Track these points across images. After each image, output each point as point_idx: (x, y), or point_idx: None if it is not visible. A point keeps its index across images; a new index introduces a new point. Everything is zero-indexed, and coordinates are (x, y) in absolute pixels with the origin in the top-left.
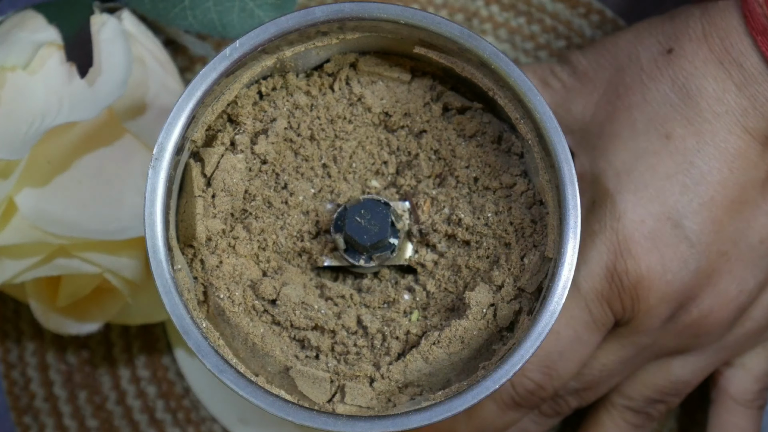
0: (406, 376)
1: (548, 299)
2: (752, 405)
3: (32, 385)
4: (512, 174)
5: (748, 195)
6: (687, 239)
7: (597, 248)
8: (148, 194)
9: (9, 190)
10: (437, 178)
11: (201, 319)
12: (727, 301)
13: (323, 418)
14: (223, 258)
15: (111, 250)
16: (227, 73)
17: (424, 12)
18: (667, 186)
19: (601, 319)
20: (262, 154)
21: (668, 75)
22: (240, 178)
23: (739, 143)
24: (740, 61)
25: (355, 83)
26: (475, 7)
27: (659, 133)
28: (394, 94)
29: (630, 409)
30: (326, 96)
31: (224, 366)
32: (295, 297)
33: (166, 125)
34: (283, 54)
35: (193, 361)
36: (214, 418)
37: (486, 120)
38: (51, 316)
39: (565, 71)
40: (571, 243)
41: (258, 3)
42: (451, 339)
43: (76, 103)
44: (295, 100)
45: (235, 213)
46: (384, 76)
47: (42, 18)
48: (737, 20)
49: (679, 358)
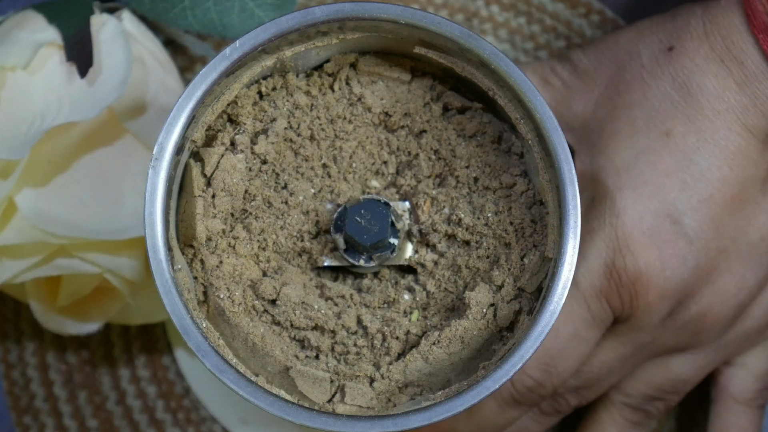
0: (406, 376)
1: (548, 299)
2: (752, 404)
3: (32, 385)
4: (512, 174)
5: (747, 193)
6: (686, 236)
7: (596, 245)
8: (148, 194)
9: (9, 190)
10: (437, 178)
11: (201, 319)
12: (726, 299)
13: (323, 418)
14: (223, 258)
15: (111, 250)
16: (227, 73)
17: (424, 12)
18: (666, 183)
19: (599, 315)
20: (262, 154)
21: (669, 72)
22: (240, 178)
23: (739, 141)
24: (741, 59)
25: (355, 83)
26: (475, 7)
27: (659, 130)
28: (394, 94)
29: (629, 407)
30: (326, 96)
31: (224, 366)
32: (295, 297)
33: (166, 125)
34: (283, 54)
35: (193, 361)
36: (214, 418)
37: (486, 120)
38: (51, 316)
39: (565, 69)
40: (571, 243)
41: (258, 3)
42: (451, 339)
43: (76, 103)
44: (295, 100)
45: (235, 213)
46: (384, 76)
47: (42, 18)
48: (739, 19)
49: (678, 356)
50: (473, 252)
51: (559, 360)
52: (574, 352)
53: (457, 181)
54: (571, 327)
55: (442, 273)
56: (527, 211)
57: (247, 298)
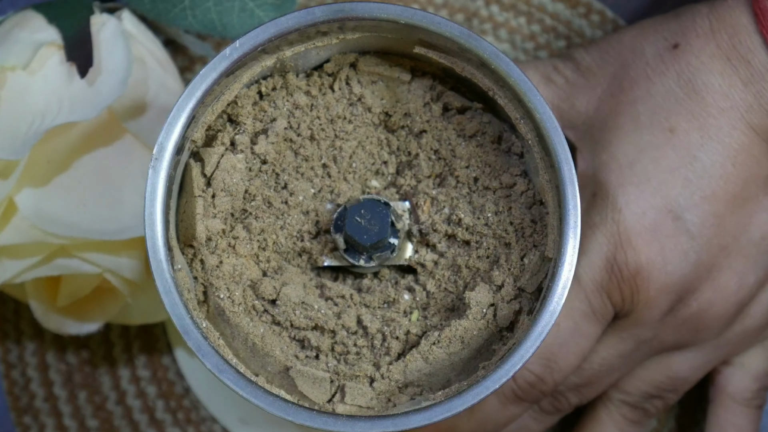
0: (406, 376)
1: (548, 299)
2: (750, 404)
3: (32, 385)
4: (512, 174)
5: (750, 191)
6: (688, 232)
7: (597, 240)
8: (148, 194)
9: (9, 190)
10: (437, 178)
11: (201, 319)
12: (727, 296)
13: (323, 418)
14: (223, 258)
15: (111, 250)
16: (227, 73)
17: (424, 12)
18: (669, 179)
19: (600, 310)
20: (262, 154)
21: (674, 69)
22: (240, 178)
23: (743, 139)
24: (748, 58)
25: (355, 83)
26: (475, 7)
27: (663, 126)
28: (394, 94)
29: (627, 404)
30: (326, 96)
31: (224, 366)
32: (295, 297)
33: (166, 125)
34: (283, 54)
35: (193, 361)
36: (214, 418)
37: (486, 120)
38: (51, 316)
39: (568, 67)
40: (571, 243)
41: (258, 3)
42: (451, 339)
43: (76, 103)
44: (295, 100)
45: (235, 213)
46: (384, 76)
47: (42, 18)
48: (747, 18)
49: (678, 354)
50: (473, 252)
51: (560, 355)
52: (574, 347)
53: (457, 181)
54: (572, 322)
55: (442, 273)
56: (527, 211)
57: (247, 298)
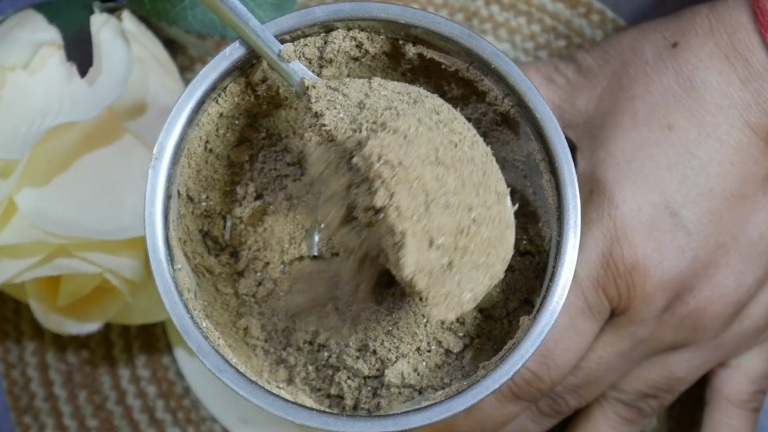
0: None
1: (548, 299)
2: (746, 406)
3: (32, 385)
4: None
5: (748, 189)
6: (684, 228)
7: (593, 235)
8: (148, 194)
9: (9, 190)
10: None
11: (201, 319)
12: (724, 294)
13: (323, 418)
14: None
15: (111, 250)
16: (227, 73)
17: (424, 12)
18: (666, 176)
19: (596, 306)
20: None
21: (673, 67)
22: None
23: (740, 137)
24: (746, 57)
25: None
26: (475, 7)
27: (661, 123)
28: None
29: (622, 403)
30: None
31: (224, 366)
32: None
33: (166, 125)
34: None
35: (193, 361)
36: (214, 418)
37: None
38: (51, 316)
39: (569, 68)
40: (571, 243)
41: (258, 3)
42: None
43: (76, 103)
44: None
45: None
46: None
47: (42, 18)
48: (746, 17)
49: (675, 354)
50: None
51: (557, 352)
52: (571, 344)
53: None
54: (568, 317)
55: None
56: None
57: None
